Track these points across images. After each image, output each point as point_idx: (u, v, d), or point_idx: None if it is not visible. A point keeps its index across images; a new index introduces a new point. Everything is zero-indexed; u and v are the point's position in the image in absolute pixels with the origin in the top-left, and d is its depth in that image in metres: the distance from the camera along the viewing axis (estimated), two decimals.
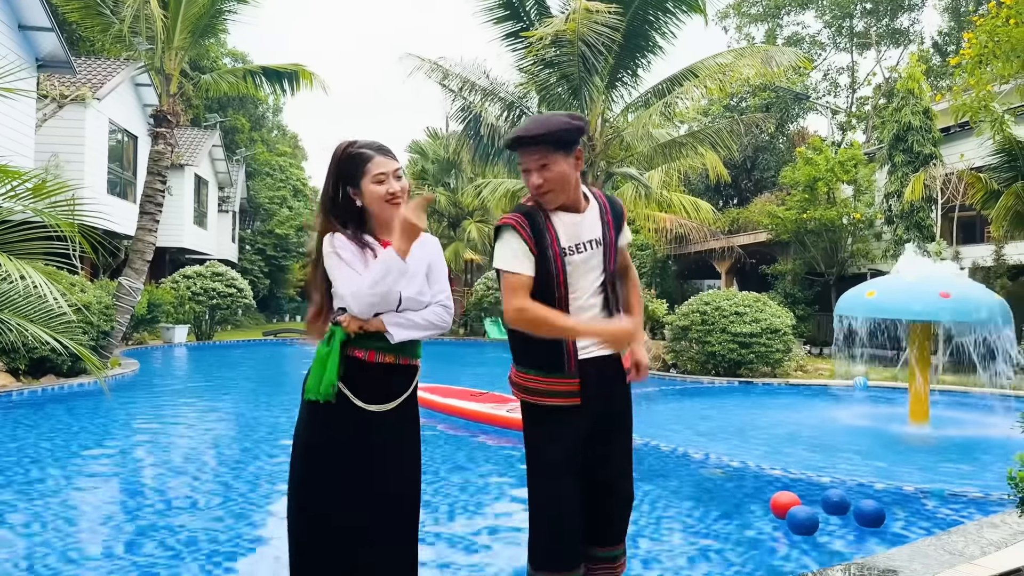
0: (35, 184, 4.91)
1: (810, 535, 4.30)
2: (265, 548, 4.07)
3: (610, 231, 2.68)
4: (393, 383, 2.56)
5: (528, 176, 2.55)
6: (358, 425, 2.50)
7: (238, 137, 32.61)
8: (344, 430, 2.51)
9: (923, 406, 8.17)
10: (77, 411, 8.51)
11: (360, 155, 2.55)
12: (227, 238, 28.15)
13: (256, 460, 6.37)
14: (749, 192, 27.12)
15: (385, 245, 2.55)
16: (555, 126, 2.49)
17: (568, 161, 2.52)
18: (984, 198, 13.39)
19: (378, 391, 2.53)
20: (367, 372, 2.51)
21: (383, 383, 2.54)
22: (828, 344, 17.65)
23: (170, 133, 12.42)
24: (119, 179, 18.62)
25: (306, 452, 2.55)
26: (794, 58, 14.11)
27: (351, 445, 2.50)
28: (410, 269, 2.49)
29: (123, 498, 5.08)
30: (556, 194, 2.55)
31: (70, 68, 14.53)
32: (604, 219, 2.68)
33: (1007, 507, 4.48)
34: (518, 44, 13.70)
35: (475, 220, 27.66)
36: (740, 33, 34.58)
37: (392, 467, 2.55)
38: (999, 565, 3.31)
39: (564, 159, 2.51)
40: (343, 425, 2.50)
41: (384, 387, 2.54)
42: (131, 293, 11.98)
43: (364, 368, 2.51)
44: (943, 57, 29.29)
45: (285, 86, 13.80)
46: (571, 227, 2.61)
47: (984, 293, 7.80)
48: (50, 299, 4.44)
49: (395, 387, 2.56)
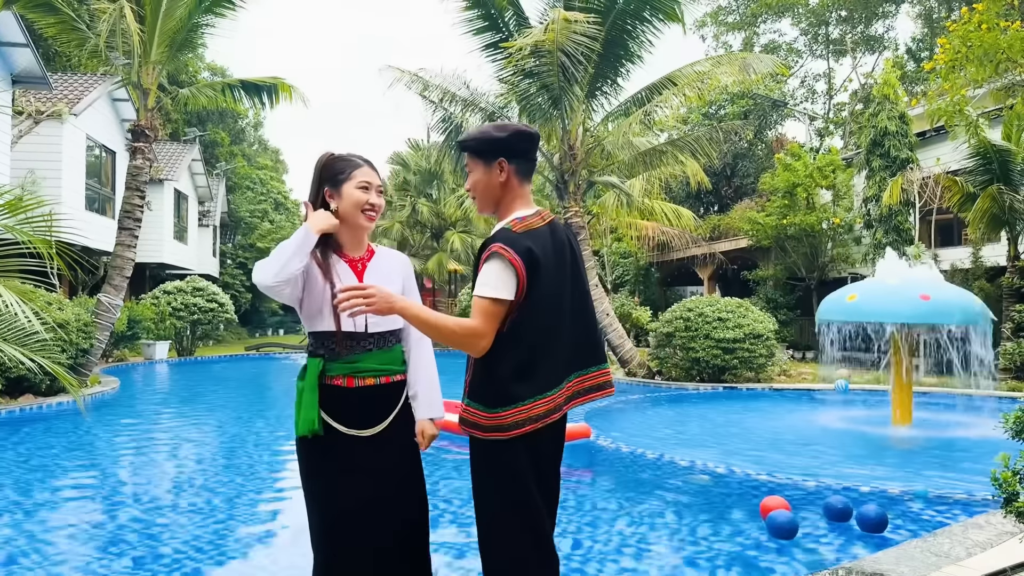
0: (10, 201, 4.84)
1: (789, 539, 4.30)
2: (245, 566, 4.01)
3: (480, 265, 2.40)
4: (378, 405, 2.53)
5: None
6: (350, 451, 2.48)
7: (218, 151, 32.41)
8: (337, 458, 2.48)
9: (906, 408, 8.23)
10: (55, 431, 8.37)
11: (349, 160, 2.58)
12: (208, 253, 27.91)
13: (237, 478, 6.29)
14: (729, 199, 27.29)
15: (348, 261, 2.55)
16: (475, 134, 2.45)
17: (488, 172, 2.42)
18: (961, 201, 13.56)
19: (363, 416, 2.50)
20: (348, 398, 2.49)
21: (367, 406, 2.51)
22: (810, 348, 17.77)
23: (148, 148, 12.31)
24: (97, 195, 18.43)
25: (307, 483, 2.54)
26: (771, 65, 14.23)
27: (346, 471, 2.47)
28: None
29: (98, 519, 4.99)
30: (479, 201, 2.49)
31: (46, 84, 14.37)
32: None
33: (991, 508, 4.51)
34: (498, 55, 13.73)
35: (458, 231, 27.65)
36: (718, 41, 34.87)
37: (392, 485, 2.52)
38: (985, 566, 3.32)
39: (482, 169, 2.43)
40: (335, 453, 2.48)
41: (368, 411, 2.51)
42: (110, 310, 11.84)
43: (345, 395, 2.49)
44: (917, 63, 29.70)
45: (264, 99, 13.72)
46: None
47: (963, 295, 7.88)
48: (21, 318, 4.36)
49: (380, 408, 2.53)
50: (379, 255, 2.67)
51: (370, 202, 2.54)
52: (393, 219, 28.16)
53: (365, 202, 2.54)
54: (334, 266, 2.53)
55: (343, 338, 2.49)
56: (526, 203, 2.45)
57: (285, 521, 4.96)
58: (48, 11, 11.73)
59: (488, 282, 2.26)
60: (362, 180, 2.54)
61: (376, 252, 2.68)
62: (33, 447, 7.45)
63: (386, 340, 2.57)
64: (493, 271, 2.26)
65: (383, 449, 2.51)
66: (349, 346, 2.50)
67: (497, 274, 2.26)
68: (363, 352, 2.52)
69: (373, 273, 2.60)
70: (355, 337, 2.50)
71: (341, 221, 2.55)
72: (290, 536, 4.55)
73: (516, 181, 2.43)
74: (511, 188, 2.43)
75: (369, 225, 2.59)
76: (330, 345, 2.50)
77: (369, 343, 2.53)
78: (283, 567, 4.00)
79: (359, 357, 2.51)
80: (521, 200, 2.45)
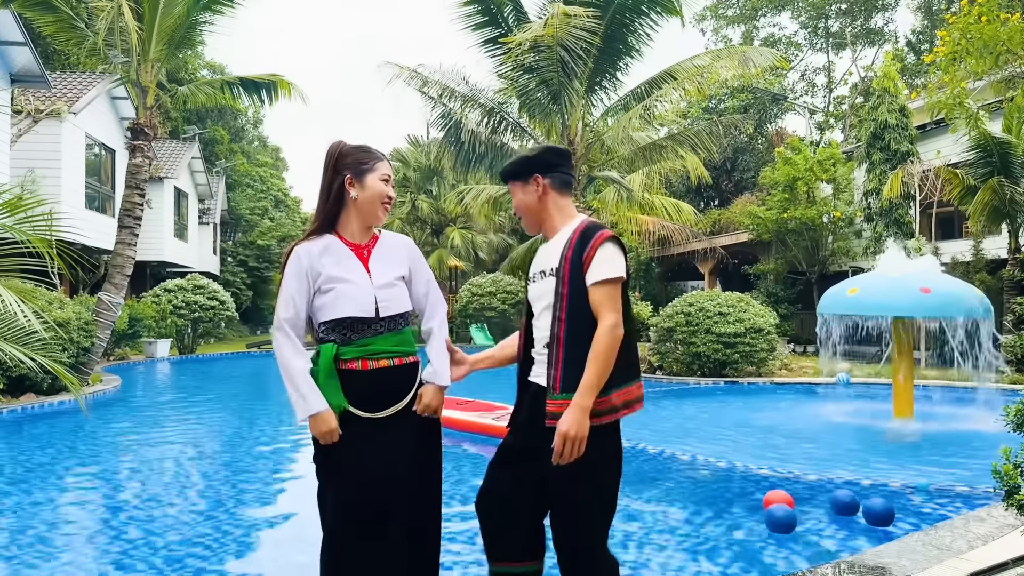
0: (9, 200, 4.84)
1: (787, 533, 4.30)
2: (248, 562, 4.01)
3: (565, 264, 2.49)
4: (393, 386, 2.56)
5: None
6: (365, 432, 2.50)
7: (217, 149, 32.39)
8: (353, 442, 2.50)
9: (907, 401, 8.22)
10: (56, 429, 8.38)
11: (371, 152, 2.64)
12: (208, 250, 27.91)
13: (240, 474, 6.29)
14: (730, 193, 27.27)
15: (353, 247, 2.59)
16: (511, 162, 2.67)
17: (526, 190, 2.63)
18: (961, 194, 13.55)
19: (378, 398, 2.53)
20: (363, 381, 2.52)
21: (382, 389, 2.54)
22: (811, 342, 17.76)
23: (148, 146, 12.30)
24: (97, 193, 18.42)
25: (321, 463, 2.57)
26: (771, 58, 14.20)
27: (363, 454, 2.50)
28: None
29: (99, 517, 4.99)
30: (526, 221, 2.69)
31: (45, 82, 14.35)
32: (564, 251, 2.52)
33: (992, 501, 4.51)
34: (497, 50, 13.70)
35: (458, 227, 27.63)
36: (717, 35, 34.82)
37: (408, 466, 2.54)
38: (986, 559, 3.32)
39: (521, 189, 2.64)
40: (350, 434, 2.50)
41: (383, 392, 2.54)
42: (111, 308, 11.84)
43: (359, 378, 2.52)
44: (917, 56, 29.63)
45: (263, 96, 13.70)
46: (540, 256, 2.68)
47: (964, 288, 7.87)
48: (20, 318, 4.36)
49: (395, 390, 2.57)
50: (383, 241, 2.70)
51: (389, 195, 2.64)
52: (393, 215, 28.13)
53: (386, 195, 2.62)
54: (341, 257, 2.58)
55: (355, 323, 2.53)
56: (572, 213, 2.64)
57: (288, 517, 4.96)
58: (46, 9, 11.70)
59: (615, 263, 2.44)
60: (384, 173, 2.63)
61: (380, 237, 2.71)
62: (35, 446, 7.45)
63: (396, 323, 2.61)
64: (612, 253, 2.45)
65: (398, 429, 2.54)
66: (362, 330, 2.53)
67: (617, 255, 2.46)
68: (375, 335, 2.55)
69: (378, 260, 2.63)
70: (367, 321, 2.54)
71: (357, 211, 2.60)
72: (293, 531, 4.56)
73: (555, 194, 2.61)
74: (552, 201, 2.61)
75: (384, 217, 2.66)
76: (342, 330, 2.53)
77: (381, 326, 2.56)
78: (285, 564, 4.01)
79: (371, 340, 2.54)
80: (566, 210, 2.63)
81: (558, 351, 2.44)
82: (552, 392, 2.42)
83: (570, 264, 2.47)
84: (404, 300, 2.63)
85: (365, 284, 2.55)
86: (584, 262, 2.45)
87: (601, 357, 2.36)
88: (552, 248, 2.60)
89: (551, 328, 2.50)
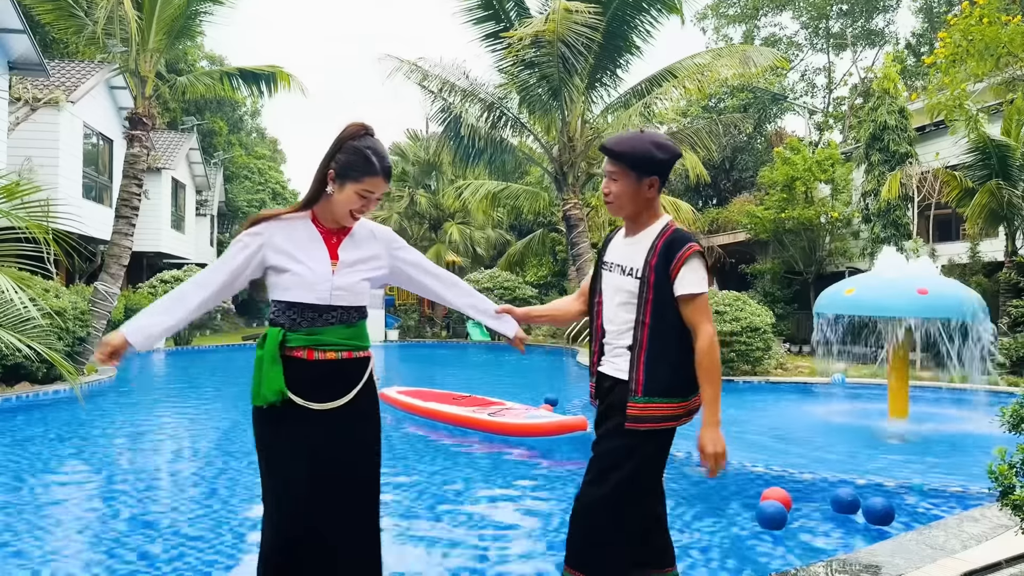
0: (6, 185, 4.82)
1: (779, 529, 4.31)
2: (243, 554, 4.01)
3: (650, 272, 2.54)
4: (338, 380, 2.49)
5: (605, 181, 2.68)
6: (305, 424, 2.44)
7: (216, 140, 32.29)
8: (291, 430, 2.45)
9: (902, 402, 8.24)
10: (51, 419, 8.36)
11: (369, 161, 2.47)
12: (205, 242, 27.87)
13: (233, 464, 6.28)
14: (728, 192, 27.26)
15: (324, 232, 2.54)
16: (638, 149, 2.57)
17: (638, 184, 2.59)
18: (959, 196, 13.56)
19: (322, 389, 2.46)
20: (308, 371, 2.45)
21: (327, 381, 2.47)
22: (807, 342, 17.78)
23: (146, 136, 12.26)
24: (94, 183, 18.37)
25: (261, 453, 2.53)
26: (771, 58, 14.19)
27: (299, 444, 2.44)
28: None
29: (94, 507, 4.99)
30: (617, 208, 2.66)
31: (43, 71, 14.29)
32: (648, 257, 2.57)
33: (987, 501, 4.52)
34: (498, 45, 13.68)
35: (456, 222, 27.59)
36: (718, 34, 34.78)
37: (344, 463, 2.49)
38: (980, 559, 3.33)
39: (635, 181, 2.58)
40: (290, 425, 2.45)
41: (328, 385, 2.47)
42: (107, 298, 11.81)
43: (305, 367, 2.45)
44: (917, 57, 29.63)
45: (262, 88, 13.65)
46: (620, 246, 2.71)
47: (961, 289, 7.88)
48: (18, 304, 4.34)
49: (341, 383, 2.49)
50: (355, 233, 2.60)
51: (362, 209, 2.51)
52: (391, 210, 28.08)
53: (356, 208, 2.50)
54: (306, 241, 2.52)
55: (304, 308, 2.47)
56: (659, 212, 2.67)
57: None
58: None
59: (704, 278, 2.53)
60: (367, 188, 2.47)
61: (355, 226, 2.60)
62: (30, 435, 7.44)
63: (350, 315, 2.52)
64: (700, 268, 2.53)
65: (339, 424, 2.47)
66: (311, 318, 2.47)
67: (703, 269, 2.54)
68: (325, 325, 2.47)
69: (349, 248, 2.55)
70: (318, 309, 2.47)
71: (330, 204, 2.52)
72: None
73: (657, 196, 2.66)
74: (654, 201, 2.65)
75: (350, 225, 2.56)
76: (291, 314, 2.47)
77: (332, 316, 2.48)
78: None
79: (321, 331, 2.47)
80: (657, 210, 2.67)
81: (640, 354, 2.55)
82: (634, 395, 2.52)
83: (655, 274, 2.54)
84: (363, 294, 2.54)
85: (323, 271, 2.47)
86: (671, 273, 2.52)
87: (715, 369, 2.49)
88: (636, 247, 2.63)
89: (633, 332, 2.58)
